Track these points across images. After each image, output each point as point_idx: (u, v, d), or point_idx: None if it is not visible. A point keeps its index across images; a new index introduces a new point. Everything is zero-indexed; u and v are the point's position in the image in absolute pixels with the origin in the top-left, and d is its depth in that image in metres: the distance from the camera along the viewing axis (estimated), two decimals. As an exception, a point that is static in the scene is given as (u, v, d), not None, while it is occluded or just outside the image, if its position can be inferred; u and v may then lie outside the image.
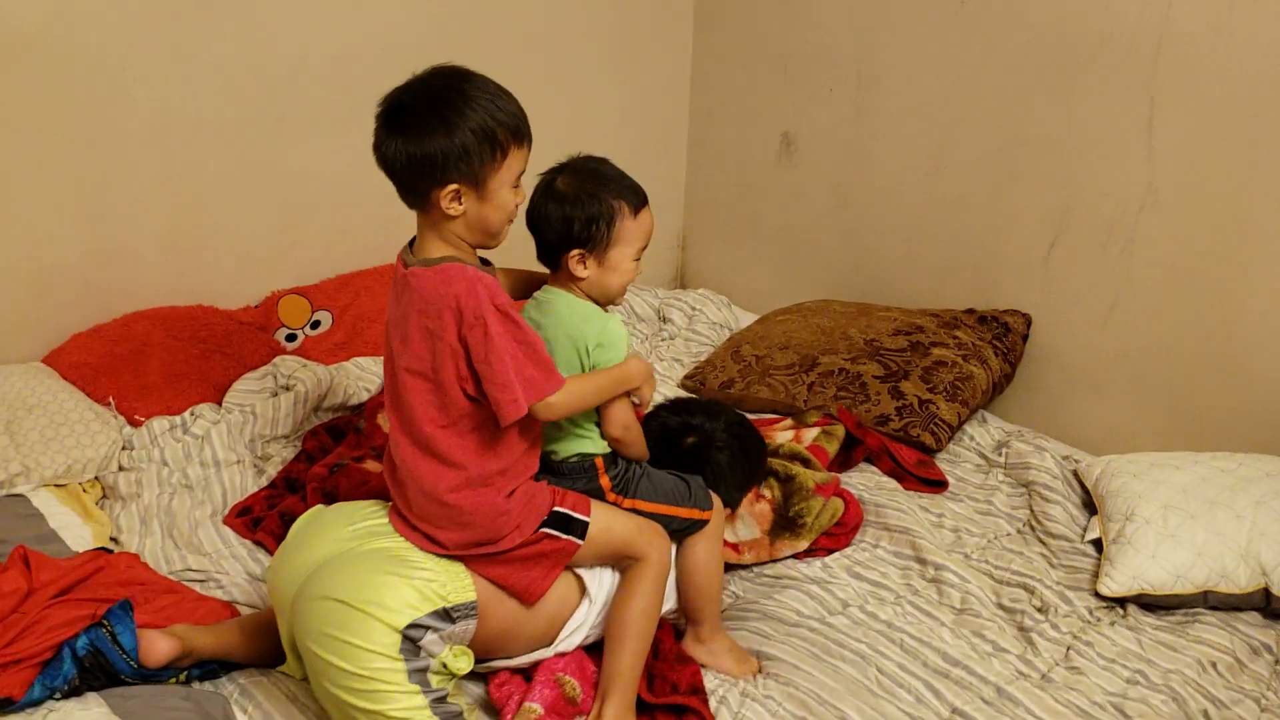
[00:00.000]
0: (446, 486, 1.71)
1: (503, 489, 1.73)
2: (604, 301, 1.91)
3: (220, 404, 2.62)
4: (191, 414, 2.53)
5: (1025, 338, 2.83)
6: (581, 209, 1.83)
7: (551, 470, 1.87)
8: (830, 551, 2.25)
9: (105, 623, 1.79)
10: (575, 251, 1.84)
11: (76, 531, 2.21)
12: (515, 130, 1.65)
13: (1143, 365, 2.64)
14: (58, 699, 1.75)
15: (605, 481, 1.88)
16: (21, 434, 2.34)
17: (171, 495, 2.34)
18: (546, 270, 1.93)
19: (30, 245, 2.62)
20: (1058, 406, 2.82)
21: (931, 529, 2.30)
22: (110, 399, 2.56)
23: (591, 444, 1.88)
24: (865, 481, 2.45)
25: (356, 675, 1.60)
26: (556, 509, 1.78)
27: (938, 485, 2.48)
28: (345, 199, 3.03)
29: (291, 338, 2.94)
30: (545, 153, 3.01)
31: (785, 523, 2.22)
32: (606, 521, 1.81)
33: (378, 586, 1.65)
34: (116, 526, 2.27)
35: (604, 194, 1.85)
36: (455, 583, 1.71)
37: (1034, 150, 2.76)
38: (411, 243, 1.76)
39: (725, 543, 2.18)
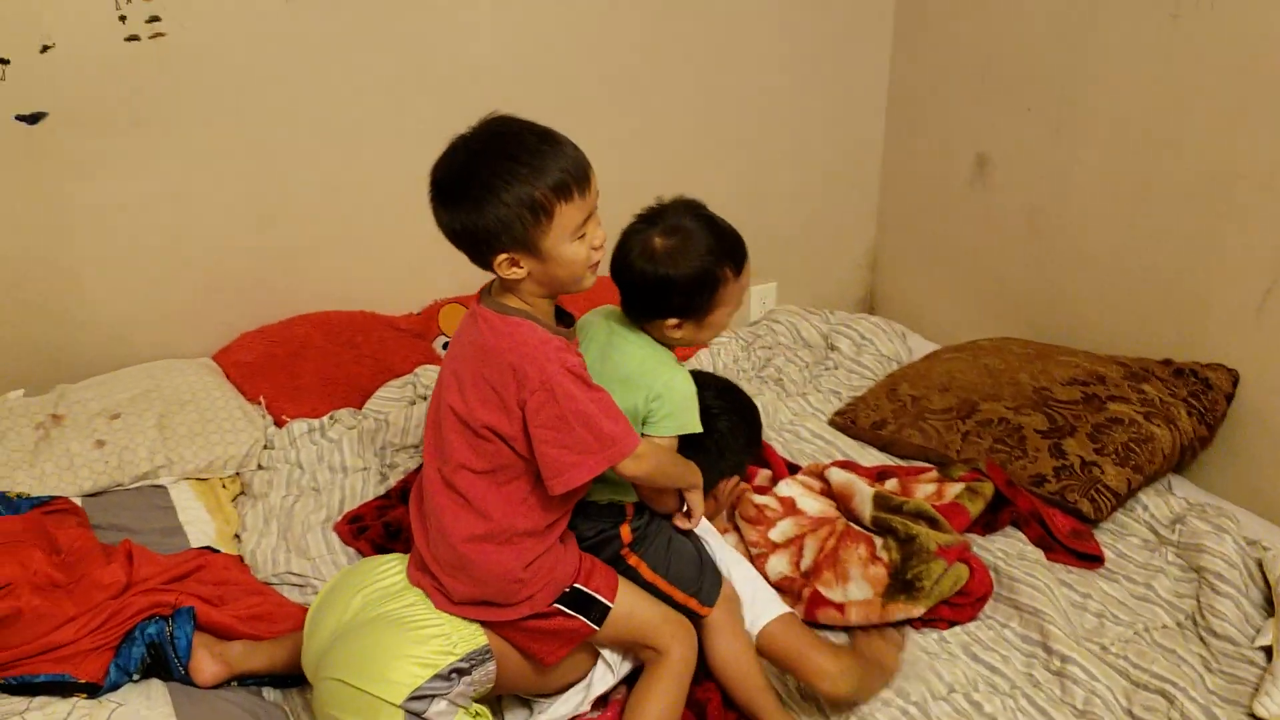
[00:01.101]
0: (464, 535, 1.66)
1: (524, 555, 1.65)
2: (694, 346, 1.80)
3: (362, 409, 2.67)
4: (331, 418, 2.59)
5: (1230, 397, 2.48)
6: (684, 278, 1.73)
7: (578, 507, 1.76)
8: (951, 624, 2.04)
9: (170, 621, 1.84)
10: (672, 320, 1.75)
11: (201, 527, 2.29)
12: (560, 187, 1.55)
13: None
14: (135, 679, 1.82)
15: (626, 532, 1.78)
16: (171, 428, 2.45)
17: (296, 498, 2.39)
18: None
19: (207, 247, 2.74)
20: (1263, 479, 2.46)
21: (1070, 611, 2.04)
22: (261, 398, 2.65)
23: (626, 490, 1.78)
24: (1007, 549, 2.21)
25: None
26: (577, 586, 1.69)
27: (1091, 560, 2.21)
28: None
29: (448, 345, 2.96)
30: (733, 163, 2.97)
31: (901, 585, 2.03)
32: (629, 607, 1.71)
33: (377, 662, 1.61)
34: (242, 524, 2.34)
35: (707, 259, 1.75)
36: (463, 631, 1.66)
37: (1251, 183, 2.41)
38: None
39: (830, 603, 2.02)
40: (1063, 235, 2.89)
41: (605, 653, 1.79)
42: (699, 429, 1.78)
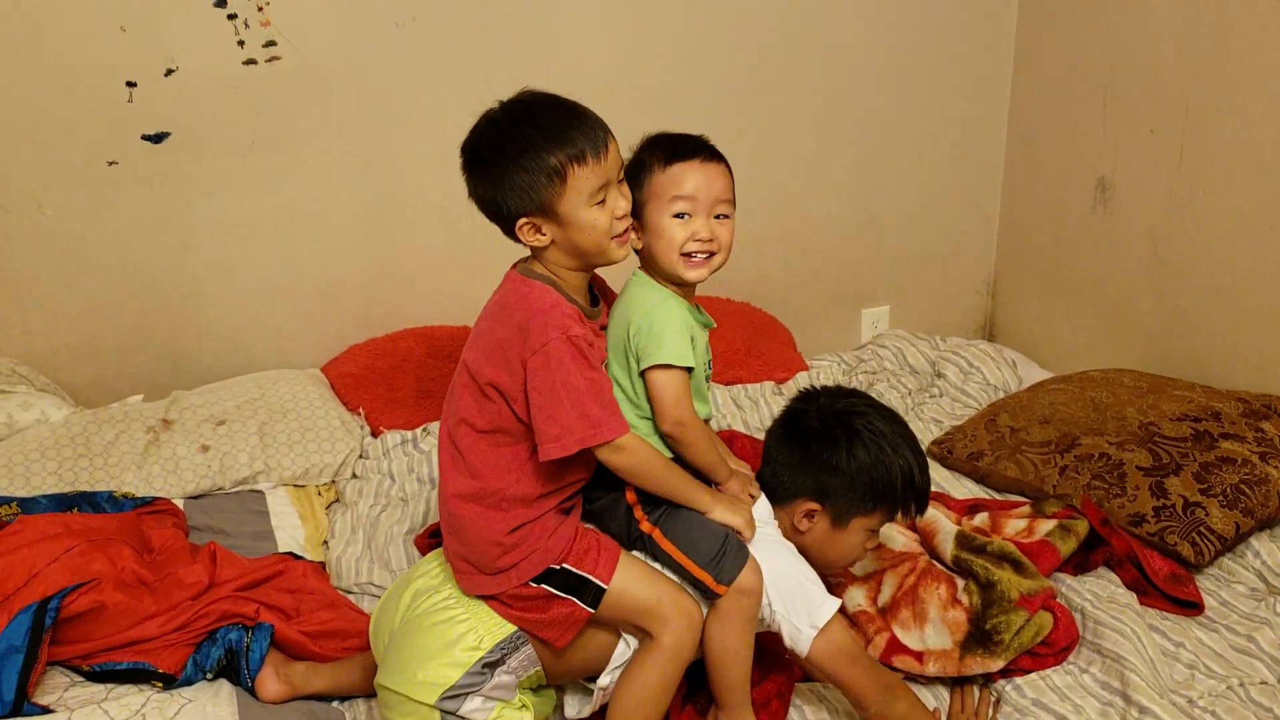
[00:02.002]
0: (454, 490, 1.68)
1: (510, 521, 1.65)
2: (665, 271, 1.78)
3: (457, 423, 2.71)
4: (424, 430, 2.65)
5: (1360, 438, 2.31)
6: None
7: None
8: (1029, 672, 1.95)
9: (249, 633, 1.91)
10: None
11: (290, 533, 2.37)
12: (574, 151, 1.57)
13: None
14: (208, 678, 1.89)
15: (631, 493, 1.74)
16: (271, 435, 2.54)
17: (384, 508, 2.44)
18: None
19: (320, 260, 2.85)
20: (1395, 527, 2.28)
21: (1158, 660, 1.92)
22: (361, 409, 2.73)
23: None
24: (1097, 590, 2.10)
25: None
26: (566, 567, 1.67)
27: (1189, 607, 2.08)
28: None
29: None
30: (848, 185, 3.11)
31: (980, 636, 1.94)
32: (621, 587, 1.67)
33: (410, 666, 1.65)
34: (331, 531, 2.41)
35: (640, 152, 1.78)
36: (489, 623, 1.68)
37: (1387, 211, 2.25)
38: None
39: (908, 650, 1.95)
40: (1185, 263, 2.75)
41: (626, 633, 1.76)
42: (690, 362, 1.72)
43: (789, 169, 3.17)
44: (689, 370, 1.74)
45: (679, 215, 1.74)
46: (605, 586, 1.66)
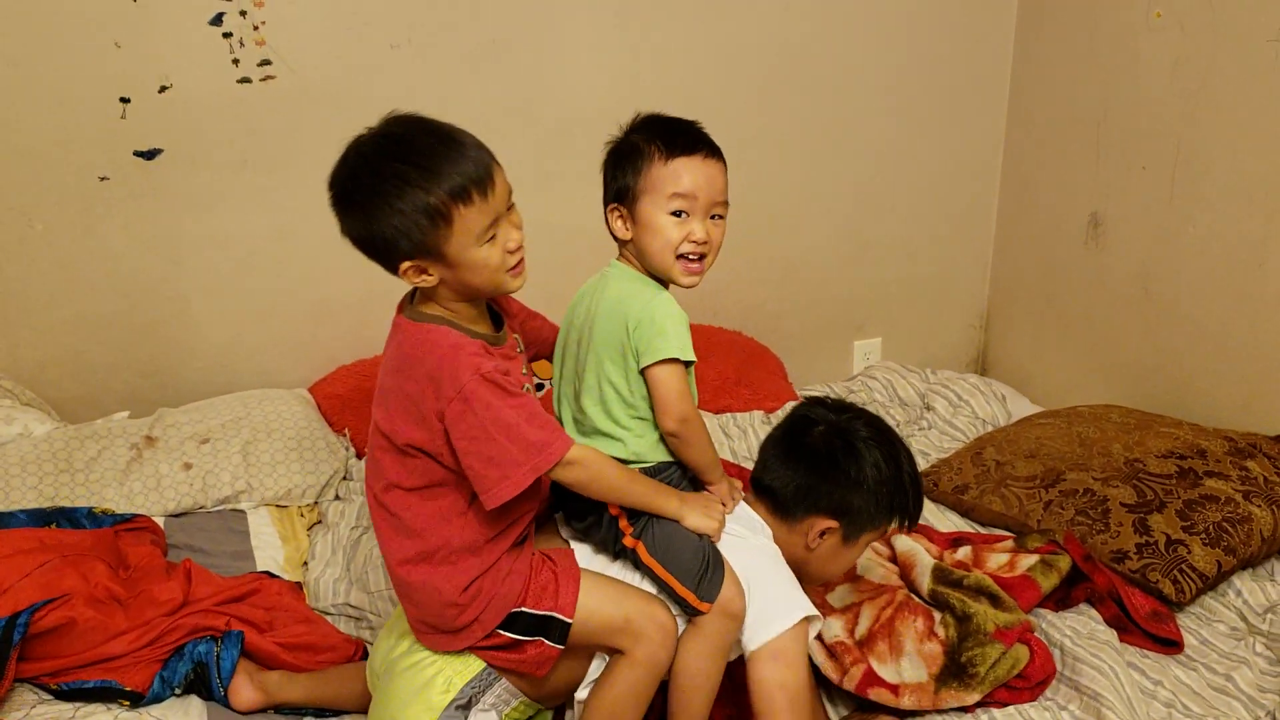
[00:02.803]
0: (399, 557, 1.60)
1: (462, 576, 1.58)
2: (658, 271, 1.73)
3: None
4: (409, 453, 2.63)
5: (1346, 479, 2.30)
6: (607, 155, 1.74)
7: None
8: (1005, 705, 1.93)
9: (218, 643, 1.90)
10: (614, 209, 1.75)
11: (270, 553, 2.35)
12: (457, 191, 1.46)
13: None
14: (176, 694, 1.88)
15: (614, 506, 1.69)
16: (254, 455, 2.53)
17: (365, 530, 2.43)
18: None
19: (310, 281, 2.85)
20: (1380, 569, 2.26)
21: (1136, 699, 1.90)
22: (346, 430, 2.72)
23: (637, 447, 1.70)
24: (1078, 627, 2.08)
25: None
26: (525, 610, 1.61)
27: (1169, 645, 2.06)
28: (608, 254, 3.04)
29: (540, 387, 2.98)
30: (841, 215, 3.08)
31: (955, 669, 1.92)
32: (587, 613, 1.62)
33: (390, 711, 1.63)
34: (311, 552, 2.40)
35: (631, 136, 1.74)
36: (456, 665, 1.64)
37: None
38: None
39: (884, 683, 1.93)
40: (1174, 300, 2.74)
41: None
42: (692, 356, 1.67)
43: (784, 198, 3.18)
44: (690, 365, 1.69)
45: (676, 213, 1.68)
46: (570, 621, 1.62)
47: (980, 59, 3.22)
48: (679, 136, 1.71)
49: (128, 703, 1.84)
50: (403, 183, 1.46)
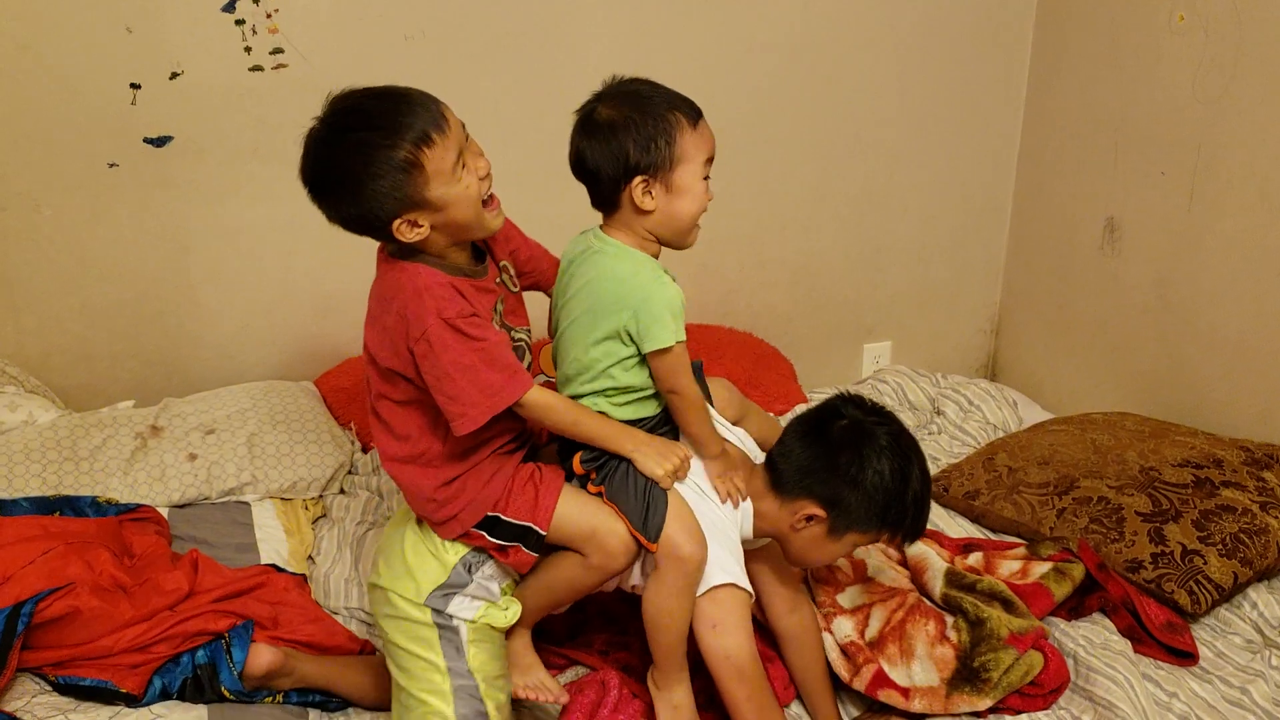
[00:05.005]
0: (389, 454, 1.72)
1: (442, 476, 1.69)
2: (677, 239, 1.75)
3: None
4: (415, 447, 2.61)
5: (1364, 491, 2.27)
6: (636, 126, 1.68)
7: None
8: (1018, 713, 1.91)
9: (225, 637, 1.88)
10: (639, 180, 1.69)
11: (275, 546, 2.33)
12: (421, 137, 1.55)
13: None
14: (174, 698, 1.85)
15: (577, 464, 1.77)
16: (260, 447, 2.51)
17: (370, 526, 2.41)
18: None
19: (319, 272, 2.83)
20: (1397, 583, 2.24)
21: (1151, 710, 1.88)
22: (351, 424, 2.70)
23: (622, 408, 1.77)
24: (1091, 636, 2.05)
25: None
26: (498, 515, 1.71)
27: (1184, 657, 2.03)
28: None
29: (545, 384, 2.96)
30: (853, 217, 3.11)
31: (967, 674, 1.91)
32: (558, 521, 1.72)
33: (401, 564, 1.74)
34: (317, 547, 2.37)
35: (659, 107, 1.70)
36: None
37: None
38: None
39: (894, 685, 1.91)
40: (1191, 308, 2.72)
41: None
42: (683, 336, 1.70)
43: (796, 200, 3.15)
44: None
45: (706, 177, 1.73)
46: (544, 532, 1.72)
47: (997, 60, 3.18)
48: (686, 101, 1.75)
49: (124, 704, 1.81)
50: (368, 148, 1.54)
